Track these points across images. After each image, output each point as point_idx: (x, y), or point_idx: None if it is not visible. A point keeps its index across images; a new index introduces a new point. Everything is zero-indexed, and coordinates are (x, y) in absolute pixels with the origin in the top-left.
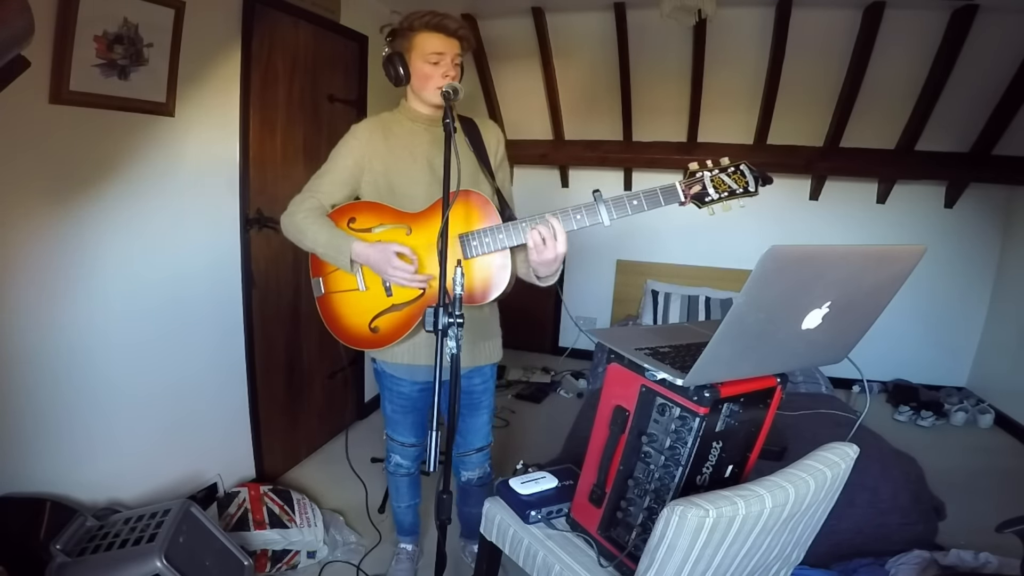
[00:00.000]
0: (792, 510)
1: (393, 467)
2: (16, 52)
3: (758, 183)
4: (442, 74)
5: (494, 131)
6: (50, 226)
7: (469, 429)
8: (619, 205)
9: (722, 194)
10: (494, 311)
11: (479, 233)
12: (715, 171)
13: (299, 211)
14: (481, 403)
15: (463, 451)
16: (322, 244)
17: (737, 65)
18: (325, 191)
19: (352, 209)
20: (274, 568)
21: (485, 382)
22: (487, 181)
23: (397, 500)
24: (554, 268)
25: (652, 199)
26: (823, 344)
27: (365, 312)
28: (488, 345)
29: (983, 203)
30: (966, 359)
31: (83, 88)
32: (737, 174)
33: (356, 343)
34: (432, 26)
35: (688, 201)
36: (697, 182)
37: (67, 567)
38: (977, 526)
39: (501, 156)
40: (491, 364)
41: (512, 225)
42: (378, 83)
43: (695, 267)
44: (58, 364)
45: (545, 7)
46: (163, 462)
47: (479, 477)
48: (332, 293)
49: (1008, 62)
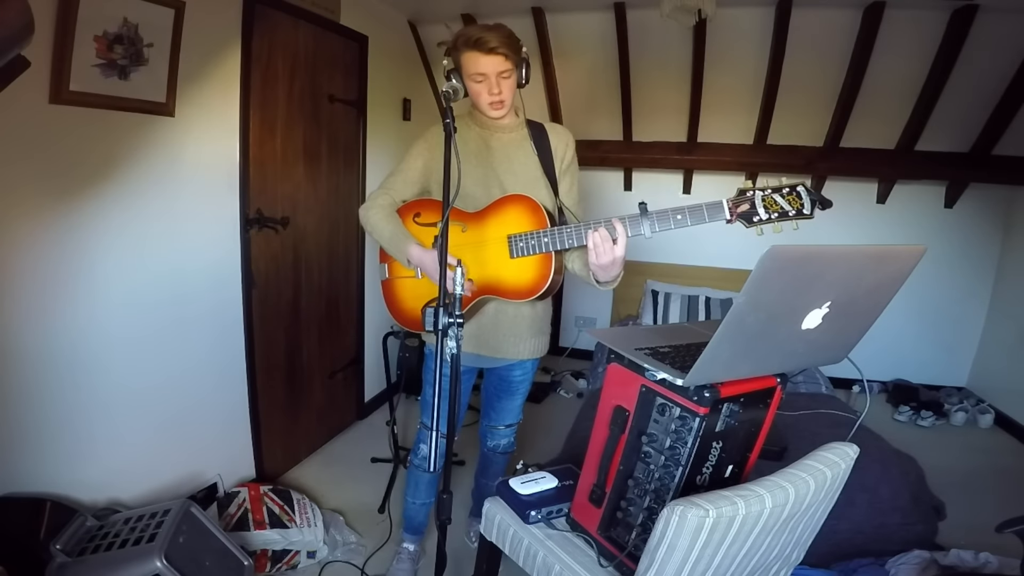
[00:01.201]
0: (792, 510)
1: (419, 460)
2: (16, 52)
3: (815, 206)
4: (488, 91)
5: (564, 137)
6: (50, 226)
7: (504, 408)
8: (663, 219)
9: (772, 214)
10: (547, 309)
11: (526, 236)
12: (768, 191)
13: (373, 205)
14: (518, 391)
15: (493, 424)
16: (386, 239)
17: (737, 65)
18: (397, 188)
19: (418, 205)
20: (274, 568)
21: (525, 374)
22: (546, 187)
23: (413, 496)
24: (613, 273)
25: (696, 215)
26: (823, 344)
27: (420, 298)
28: (536, 341)
29: (983, 203)
30: (966, 359)
31: (83, 88)
32: (792, 195)
33: (410, 324)
34: (471, 45)
35: (735, 220)
36: (746, 200)
37: (67, 567)
38: (977, 526)
39: (568, 161)
40: (534, 359)
41: (557, 231)
42: (378, 83)
43: (695, 267)
44: (58, 364)
45: (545, 7)
46: (163, 462)
47: (504, 445)
48: (395, 279)
49: (1008, 62)
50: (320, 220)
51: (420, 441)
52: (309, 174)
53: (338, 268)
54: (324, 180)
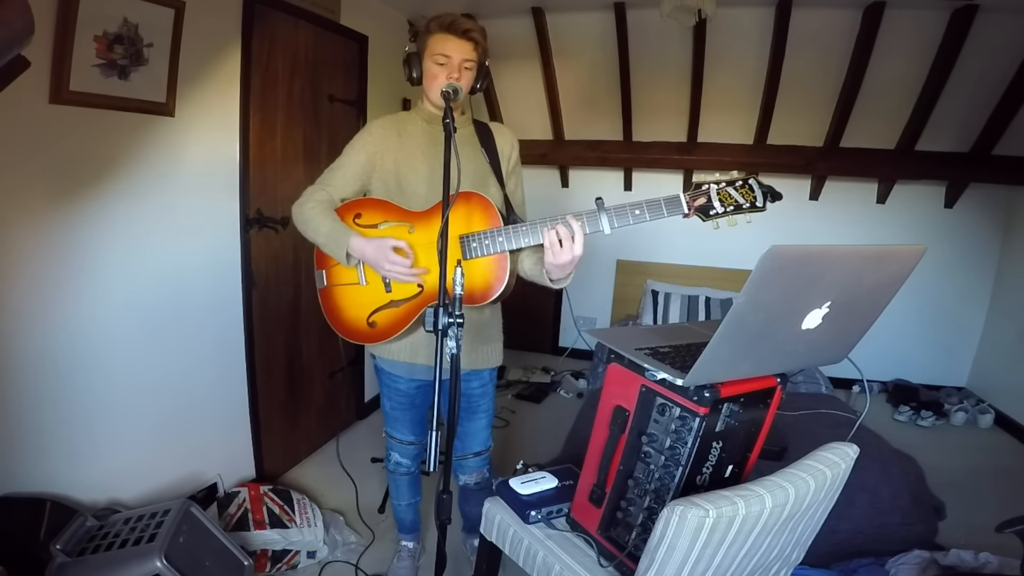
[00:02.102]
0: (792, 510)
1: (393, 465)
2: (16, 52)
3: (767, 199)
4: (447, 75)
5: (508, 137)
6: (50, 226)
7: (466, 433)
8: (621, 215)
9: (728, 208)
10: (495, 315)
11: (479, 235)
12: (722, 184)
13: (308, 201)
14: (479, 407)
15: (460, 455)
16: (323, 235)
17: (737, 65)
18: (336, 184)
19: (359, 205)
20: (274, 568)
21: (483, 386)
22: (495, 185)
23: (397, 498)
24: (568, 271)
25: (655, 209)
26: (823, 344)
27: (364, 306)
28: (487, 349)
29: (983, 203)
30: (966, 359)
31: (83, 88)
32: (745, 188)
33: (353, 336)
34: (443, 27)
35: (692, 213)
36: (702, 194)
37: (67, 567)
38: (977, 526)
39: (514, 162)
40: (490, 369)
41: (512, 229)
42: (378, 83)
43: (695, 267)
44: (58, 364)
45: (545, 7)
46: (163, 462)
47: (476, 482)
48: (334, 286)
49: (1008, 62)
50: None
51: (389, 449)
52: (309, 174)
53: None
54: None
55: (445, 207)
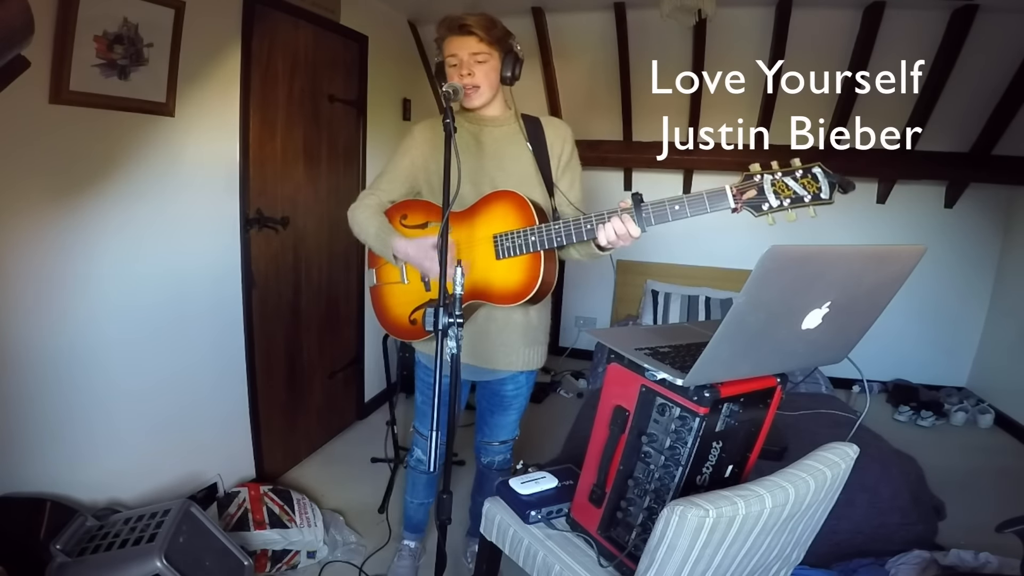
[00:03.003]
0: (792, 510)
1: (415, 462)
2: (16, 52)
3: (834, 189)
4: (458, 74)
5: (560, 131)
6: (50, 226)
7: (497, 424)
8: (659, 211)
9: (784, 200)
10: (542, 316)
11: (512, 235)
12: (778, 174)
13: (360, 206)
14: (512, 406)
15: (487, 440)
16: (371, 237)
17: (737, 65)
18: (384, 188)
19: (405, 207)
20: (274, 568)
21: (518, 388)
22: (539, 184)
23: (412, 495)
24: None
25: (697, 204)
26: (823, 344)
27: (407, 304)
28: (529, 352)
29: (983, 203)
30: (966, 359)
31: (83, 88)
32: (807, 178)
33: (398, 333)
34: (446, 28)
35: (741, 207)
36: (753, 186)
37: (67, 567)
38: (977, 526)
39: (567, 158)
40: (528, 371)
41: (546, 228)
42: (378, 83)
43: (695, 267)
44: (58, 364)
45: (545, 7)
46: (163, 462)
47: (499, 462)
48: (382, 285)
49: (1008, 62)
50: (320, 220)
51: (415, 445)
52: (309, 174)
53: (338, 268)
54: (324, 180)
55: (445, 207)
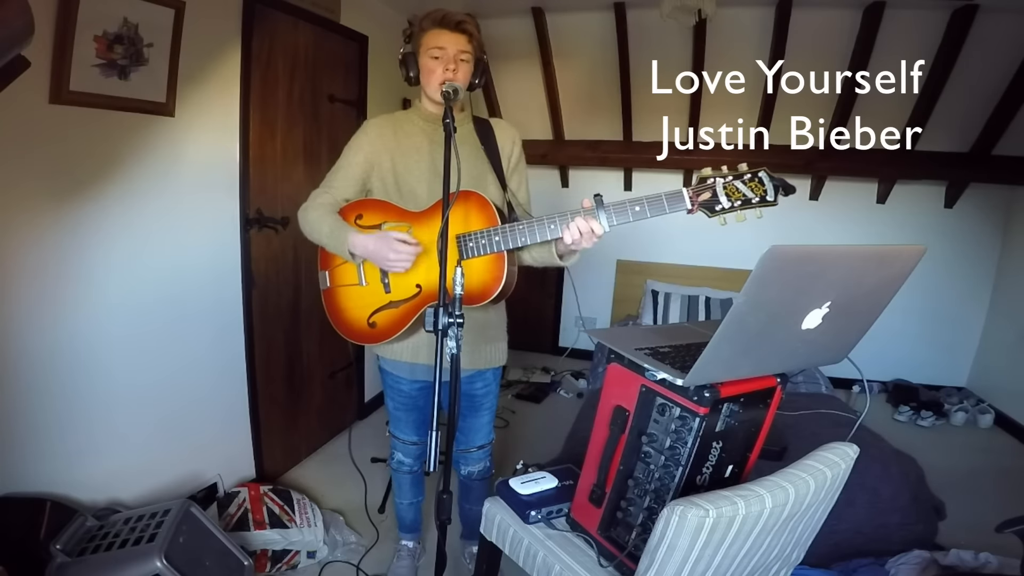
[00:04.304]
0: (792, 510)
1: (396, 464)
2: (16, 52)
3: (778, 192)
4: (443, 68)
5: (509, 133)
6: (50, 226)
7: (470, 428)
8: (620, 211)
9: (735, 202)
10: (500, 314)
11: (476, 235)
12: (728, 178)
13: (312, 205)
14: (483, 405)
15: (464, 448)
16: (326, 235)
17: (737, 65)
18: (337, 186)
19: (360, 206)
20: (274, 568)
21: (487, 386)
22: (494, 184)
23: (400, 497)
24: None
25: (656, 205)
26: (823, 344)
27: (365, 307)
28: (490, 349)
29: (983, 203)
30: (966, 359)
31: (83, 88)
32: (755, 182)
33: (355, 337)
34: (436, 21)
35: (696, 209)
36: (707, 189)
37: (67, 567)
38: (977, 526)
39: (516, 159)
40: (493, 368)
41: (509, 228)
42: (378, 83)
43: (695, 267)
44: (58, 364)
45: (545, 7)
46: (163, 462)
47: (479, 471)
48: (336, 287)
49: (1008, 62)
50: None
51: (393, 449)
52: (309, 174)
53: None
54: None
55: (445, 207)
